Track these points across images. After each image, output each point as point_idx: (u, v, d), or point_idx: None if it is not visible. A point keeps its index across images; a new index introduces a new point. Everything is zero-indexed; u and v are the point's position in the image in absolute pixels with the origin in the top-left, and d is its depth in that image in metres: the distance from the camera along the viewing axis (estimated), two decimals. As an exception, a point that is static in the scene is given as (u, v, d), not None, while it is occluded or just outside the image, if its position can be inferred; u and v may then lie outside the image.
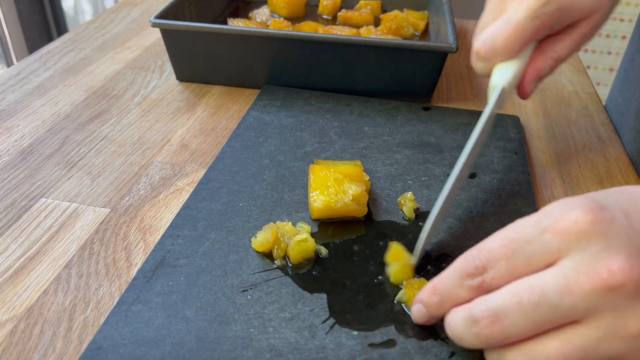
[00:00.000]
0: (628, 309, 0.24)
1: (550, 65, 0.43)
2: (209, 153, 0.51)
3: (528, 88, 0.43)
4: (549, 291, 0.25)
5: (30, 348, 0.33)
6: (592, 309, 0.25)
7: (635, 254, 0.25)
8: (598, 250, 0.25)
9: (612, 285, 0.24)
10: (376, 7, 0.76)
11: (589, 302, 0.25)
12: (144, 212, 0.44)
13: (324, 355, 0.32)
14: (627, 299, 0.24)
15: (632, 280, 0.24)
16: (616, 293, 0.24)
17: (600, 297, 0.24)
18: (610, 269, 0.24)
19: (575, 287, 0.25)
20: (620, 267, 0.24)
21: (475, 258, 0.28)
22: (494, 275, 0.28)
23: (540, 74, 0.43)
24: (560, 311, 0.25)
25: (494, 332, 0.26)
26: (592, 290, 0.24)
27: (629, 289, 0.24)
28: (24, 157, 0.50)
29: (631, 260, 0.24)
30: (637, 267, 0.24)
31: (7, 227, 0.42)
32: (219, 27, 0.58)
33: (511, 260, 0.27)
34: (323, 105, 0.57)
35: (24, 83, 0.62)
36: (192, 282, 0.36)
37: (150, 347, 0.32)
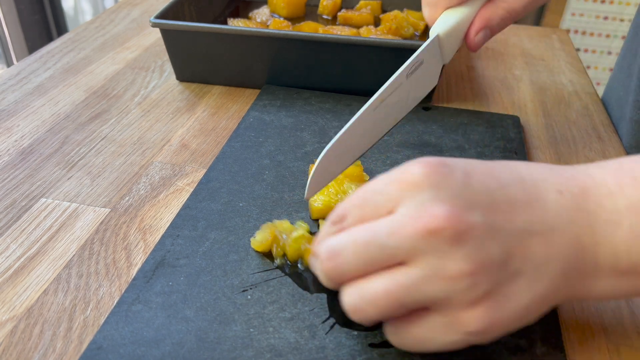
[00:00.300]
0: (447, 253, 0.26)
1: (501, 16, 0.41)
2: (209, 153, 0.51)
3: (474, 38, 0.41)
4: (380, 232, 0.28)
5: (30, 348, 0.33)
6: (415, 250, 0.27)
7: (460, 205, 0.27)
8: (427, 199, 0.27)
9: (432, 229, 0.26)
10: (376, 7, 0.76)
11: (412, 244, 0.27)
12: (144, 212, 0.44)
13: (324, 355, 0.32)
14: (446, 243, 0.26)
15: (451, 226, 0.26)
16: (436, 237, 0.26)
17: (422, 239, 0.26)
18: (432, 214, 0.26)
19: (402, 229, 0.27)
20: (442, 213, 0.26)
21: (339, 208, 0.31)
22: (349, 222, 0.30)
23: (488, 23, 0.41)
24: (387, 251, 0.27)
25: (330, 267, 0.29)
26: (415, 233, 0.26)
27: (448, 233, 0.26)
28: (24, 157, 0.50)
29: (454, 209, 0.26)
30: (457, 216, 0.26)
31: (7, 227, 0.42)
32: (219, 27, 0.58)
33: (362, 208, 0.29)
34: (323, 105, 0.57)
35: (24, 83, 0.62)
36: (192, 282, 0.36)
37: (150, 347, 0.32)
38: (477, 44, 0.42)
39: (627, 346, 0.35)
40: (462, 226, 0.26)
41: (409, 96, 0.40)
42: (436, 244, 0.26)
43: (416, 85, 0.40)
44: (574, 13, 1.67)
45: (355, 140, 0.37)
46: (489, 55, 0.73)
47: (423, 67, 0.39)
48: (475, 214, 0.27)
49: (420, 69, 0.39)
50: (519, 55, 0.73)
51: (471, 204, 0.27)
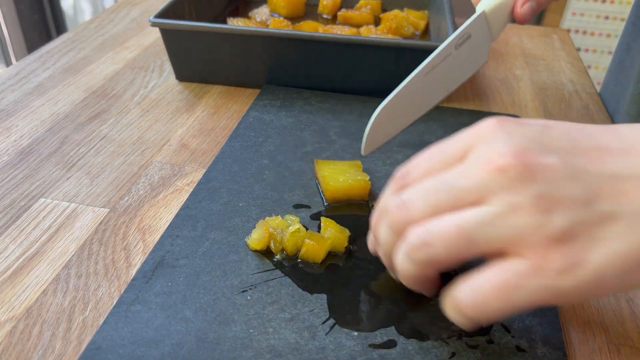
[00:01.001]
0: (519, 190, 0.26)
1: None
2: (208, 153, 0.51)
3: (520, 9, 0.42)
4: (449, 177, 0.28)
5: (29, 348, 0.33)
6: (486, 190, 0.26)
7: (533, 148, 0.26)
8: (499, 143, 0.27)
9: (501, 166, 0.26)
10: (376, 6, 0.76)
11: (483, 184, 0.26)
12: (144, 212, 0.44)
13: (324, 355, 0.32)
14: (517, 180, 0.26)
15: (521, 164, 0.26)
16: (505, 174, 0.26)
17: (491, 178, 0.26)
18: (500, 152, 0.26)
19: (471, 171, 0.27)
20: (511, 152, 0.26)
21: (404, 167, 0.30)
22: (415, 177, 0.30)
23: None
24: (456, 192, 0.27)
25: (401, 216, 0.29)
26: (485, 172, 0.26)
27: (517, 170, 0.26)
28: (23, 157, 0.50)
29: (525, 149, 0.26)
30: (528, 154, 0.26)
31: (6, 227, 0.42)
32: (218, 27, 0.58)
33: (430, 161, 0.29)
34: (323, 105, 0.57)
35: (23, 83, 0.62)
36: (192, 283, 0.36)
37: (149, 347, 0.32)
38: (525, 15, 0.42)
39: (627, 346, 0.35)
40: (533, 164, 0.26)
41: (460, 68, 0.41)
42: (505, 181, 0.26)
43: (466, 58, 0.41)
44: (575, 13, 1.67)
45: (409, 102, 0.38)
46: (489, 55, 0.73)
47: (471, 42, 0.40)
48: (551, 156, 0.26)
49: (469, 42, 0.40)
50: (520, 55, 0.73)
51: (547, 147, 0.27)
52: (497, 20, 0.41)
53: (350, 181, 0.43)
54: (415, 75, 0.37)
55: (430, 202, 0.28)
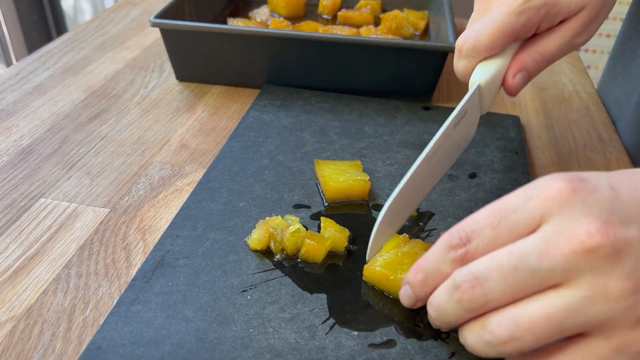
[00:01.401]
0: (606, 271, 0.25)
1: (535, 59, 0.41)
2: (208, 153, 0.51)
3: (510, 81, 0.41)
4: (529, 254, 0.26)
5: (29, 348, 0.33)
6: (572, 271, 0.25)
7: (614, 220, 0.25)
8: (578, 215, 0.25)
9: (590, 247, 0.25)
10: (376, 6, 0.76)
11: (568, 264, 0.25)
12: (144, 212, 0.44)
13: (324, 355, 0.32)
14: (605, 261, 0.25)
15: (610, 242, 0.25)
16: (594, 255, 0.25)
17: (579, 259, 0.25)
18: (588, 232, 0.25)
19: (555, 250, 0.25)
20: (598, 230, 0.25)
21: (460, 230, 0.28)
22: (478, 245, 0.28)
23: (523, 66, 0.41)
24: (540, 274, 0.25)
25: (475, 295, 0.27)
26: (571, 252, 0.25)
27: (606, 251, 0.25)
28: (23, 157, 0.50)
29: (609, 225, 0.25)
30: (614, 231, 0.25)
31: (7, 227, 0.42)
32: (218, 27, 0.58)
33: (496, 229, 0.27)
34: (323, 105, 0.57)
35: (24, 83, 0.62)
36: (192, 283, 0.36)
37: (149, 347, 0.32)
38: (516, 86, 0.41)
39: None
40: (620, 242, 0.25)
41: (455, 147, 0.40)
42: (594, 262, 0.25)
43: (461, 136, 0.40)
44: (574, 13, 1.67)
45: (411, 194, 0.36)
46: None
47: (466, 117, 0.40)
48: (631, 228, 0.25)
49: (464, 119, 0.39)
50: (519, 55, 0.73)
51: (625, 217, 0.26)
52: (489, 93, 0.41)
53: (350, 181, 0.43)
54: (419, 165, 0.36)
55: (510, 283, 0.26)
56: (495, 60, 0.40)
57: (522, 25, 0.39)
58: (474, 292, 0.27)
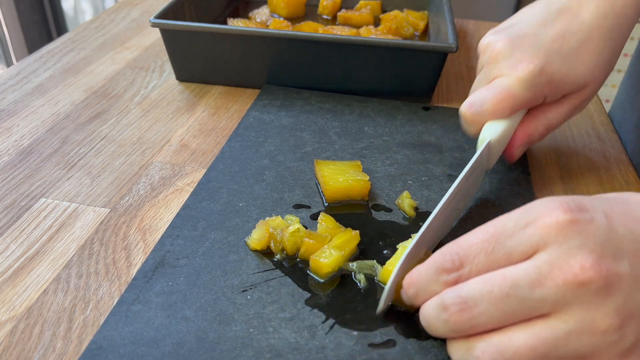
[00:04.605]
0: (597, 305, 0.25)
1: (540, 133, 0.43)
2: (208, 153, 0.51)
3: (515, 151, 0.44)
4: (521, 282, 0.26)
5: (30, 348, 0.33)
6: (562, 302, 0.25)
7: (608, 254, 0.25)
8: (573, 247, 0.25)
9: (582, 280, 0.25)
10: (376, 7, 0.76)
11: (559, 296, 0.25)
12: (144, 212, 0.44)
13: (324, 355, 0.32)
14: (595, 295, 0.25)
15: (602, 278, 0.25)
16: (586, 288, 0.25)
17: (570, 291, 0.25)
18: (582, 265, 0.25)
19: (547, 280, 0.25)
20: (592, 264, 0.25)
21: (453, 252, 0.28)
22: (471, 271, 0.28)
23: (530, 139, 0.43)
24: (530, 303, 0.25)
25: (463, 319, 0.27)
26: (563, 284, 0.25)
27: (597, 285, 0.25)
28: (23, 157, 0.50)
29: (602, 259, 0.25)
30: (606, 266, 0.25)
31: (7, 227, 0.42)
32: (219, 27, 0.58)
33: (490, 255, 0.27)
34: (323, 105, 0.57)
35: (24, 83, 0.62)
36: (192, 282, 0.36)
37: (150, 347, 0.32)
38: (518, 156, 0.44)
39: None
40: (611, 277, 0.25)
41: (462, 202, 0.41)
42: (585, 296, 0.25)
43: (468, 190, 0.41)
44: (574, 13, 1.66)
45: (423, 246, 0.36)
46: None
47: (475, 174, 0.40)
48: (623, 263, 0.25)
49: (474, 173, 0.40)
50: (519, 55, 0.73)
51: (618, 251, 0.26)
52: (496, 150, 0.42)
53: (350, 181, 0.44)
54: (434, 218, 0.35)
55: (499, 309, 0.26)
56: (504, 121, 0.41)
57: (529, 100, 0.41)
58: (461, 316, 0.27)
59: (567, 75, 0.40)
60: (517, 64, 0.40)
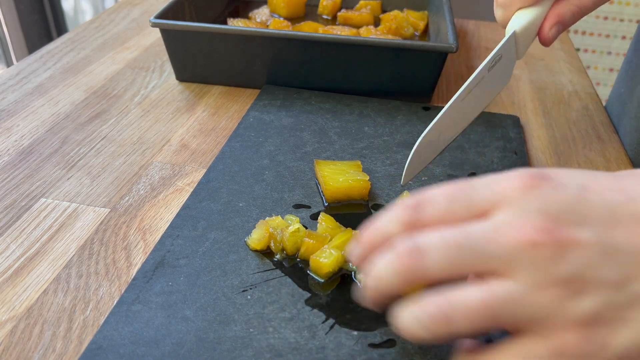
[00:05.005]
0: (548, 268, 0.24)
1: (572, 12, 0.42)
2: (208, 153, 0.51)
3: (547, 32, 0.43)
4: (476, 235, 0.25)
5: (30, 348, 0.33)
6: (514, 262, 0.25)
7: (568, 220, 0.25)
8: (532, 210, 0.25)
9: (535, 241, 0.24)
10: (376, 7, 0.76)
11: (511, 255, 0.25)
12: (144, 212, 0.44)
13: (324, 355, 0.32)
14: (548, 259, 0.24)
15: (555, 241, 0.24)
16: (537, 250, 0.24)
17: (522, 251, 0.24)
18: (536, 227, 0.25)
19: (502, 237, 0.25)
20: (546, 227, 0.24)
21: (417, 196, 0.28)
22: (430, 214, 0.27)
23: (560, 18, 0.42)
24: (482, 258, 0.25)
25: (413, 265, 0.26)
26: (516, 243, 0.24)
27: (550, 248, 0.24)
28: (23, 157, 0.50)
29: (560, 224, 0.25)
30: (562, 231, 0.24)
31: (7, 227, 0.42)
32: (219, 27, 0.58)
33: (451, 201, 0.27)
34: (323, 105, 0.57)
35: (24, 83, 0.62)
36: (192, 282, 0.36)
37: (150, 347, 0.32)
38: (552, 38, 0.43)
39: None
40: (566, 242, 0.24)
41: (489, 90, 0.43)
42: (536, 257, 0.24)
43: (495, 79, 0.43)
44: (574, 13, 1.66)
45: (445, 129, 0.40)
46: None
47: (501, 62, 0.42)
48: (586, 230, 0.25)
49: (499, 63, 0.42)
50: (519, 55, 0.73)
51: (583, 219, 0.25)
52: (524, 40, 0.43)
53: (350, 181, 0.44)
54: (452, 103, 0.39)
55: (451, 259, 0.25)
56: (533, 9, 0.42)
57: None
58: (412, 262, 0.26)
59: None
60: None
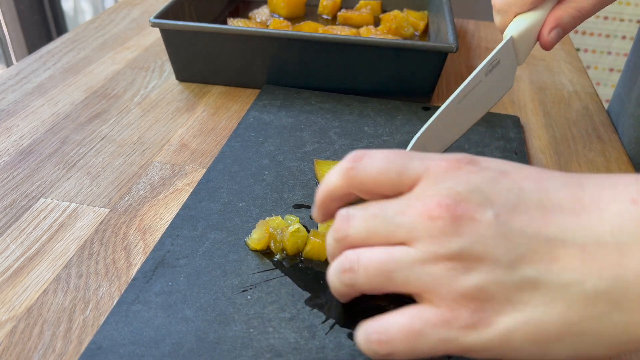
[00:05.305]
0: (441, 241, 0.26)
1: (571, 15, 0.42)
2: (208, 153, 0.51)
3: (546, 36, 0.42)
4: (390, 207, 0.28)
5: (29, 348, 0.33)
6: (414, 232, 0.27)
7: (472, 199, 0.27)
8: (442, 187, 0.27)
9: (432, 214, 0.26)
10: (376, 6, 0.76)
11: (413, 225, 0.27)
12: (144, 212, 0.44)
13: (324, 355, 0.32)
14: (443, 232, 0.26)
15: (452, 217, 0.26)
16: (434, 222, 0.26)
17: (421, 223, 0.27)
18: (439, 202, 0.27)
19: (409, 209, 0.28)
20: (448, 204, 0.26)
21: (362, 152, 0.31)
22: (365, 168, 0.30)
23: (559, 22, 0.42)
24: (390, 227, 0.28)
25: (340, 227, 0.30)
26: (418, 215, 0.27)
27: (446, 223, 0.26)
28: (23, 157, 0.50)
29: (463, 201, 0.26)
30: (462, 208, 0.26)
31: (7, 227, 0.42)
32: (219, 27, 0.58)
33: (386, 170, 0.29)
34: (323, 105, 0.57)
35: (24, 83, 0.62)
36: (192, 282, 0.36)
37: (149, 347, 0.32)
38: (551, 42, 0.43)
39: (627, 346, 0.35)
40: (463, 219, 0.26)
41: (488, 94, 0.42)
42: (432, 229, 0.26)
43: (494, 84, 0.42)
44: (574, 13, 1.66)
45: (440, 133, 0.39)
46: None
47: (500, 67, 0.41)
48: (487, 210, 0.26)
49: (497, 68, 0.41)
50: (519, 55, 0.73)
51: (487, 200, 0.26)
52: (524, 45, 0.42)
53: None
54: (447, 105, 0.38)
55: (367, 227, 0.29)
56: (532, 14, 0.42)
57: None
58: (340, 224, 0.30)
59: None
60: None
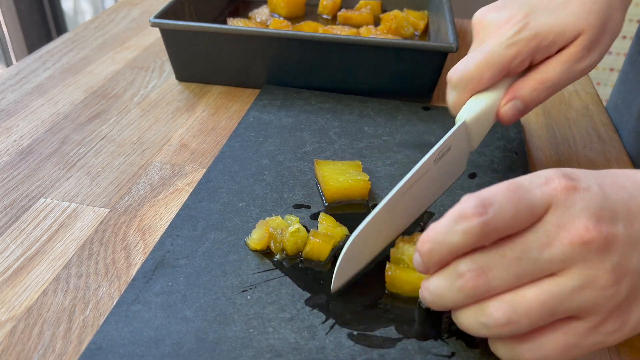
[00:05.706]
0: (597, 263, 0.27)
1: (533, 87, 0.40)
2: (208, 153, 0.51)
3: (502, 111, 0.40)
4: (531, 245, 0.28)
5: (29, 348, 0.33)
6: (568, 261, 0.27)
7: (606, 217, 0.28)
8: (577, 210, 0.28)
9: (585, 240, 0.27)
10: (376, 6, 0.76)
11: (565, 255, 0.27)
12: (144, 212, 0.44)
13: (324, 355, 0.32)
14: (596, 254, 0.27)
15: (602, 237, 0.27)
16: (588, 247, 0.27)
17: (575, 250, 0.27)
18: (586, 226, 0.27)
19: (555, 241, 0.27)
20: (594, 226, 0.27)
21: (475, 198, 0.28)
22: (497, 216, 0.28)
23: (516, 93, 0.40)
24: (540, 264, 0.28)
25: (479, 284, 0.28)
26: (569, 244, 0.27)
27: (598, 245, 0.27)
28: (23, 157, 0.50)
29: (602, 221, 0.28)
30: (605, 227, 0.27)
31: (7, 227, 0.42)
32: (218, 27, 0.58)
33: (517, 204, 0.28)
34: (323, 105, 0.57)
35: (24, 83, 0.62)
36: (192, 282, 0.36)
37: (149, 347, 0.32)
38: (507, 115, 0.40)
39: (627, 346, 0.35)
40: (609, 237, 0.27)
41: (438, 182, 0.39)
42: (587, 254, 0.27)
43: (444, 171, 0.39)
44: (574, 13, 1.66)
45: (384, 226, 0.36)
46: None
47: (451, 153, 0.39)
48: (618, 225, 0.28)
49: (448, 154, 0.38)
50: (519, 55, 0.73)
51: (613, 215, 0.28)
52: (477, 129, 0.40)
53: (350, 181, 0.43)
54: (390, 197, 0.34)
55: (512, 272, 0.28)
56: (487, 95, 0.39)
57: (512, 57, 0.39)
58: (477, 281, 0.28)
59: (554, 25, 0.38)
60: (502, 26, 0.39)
